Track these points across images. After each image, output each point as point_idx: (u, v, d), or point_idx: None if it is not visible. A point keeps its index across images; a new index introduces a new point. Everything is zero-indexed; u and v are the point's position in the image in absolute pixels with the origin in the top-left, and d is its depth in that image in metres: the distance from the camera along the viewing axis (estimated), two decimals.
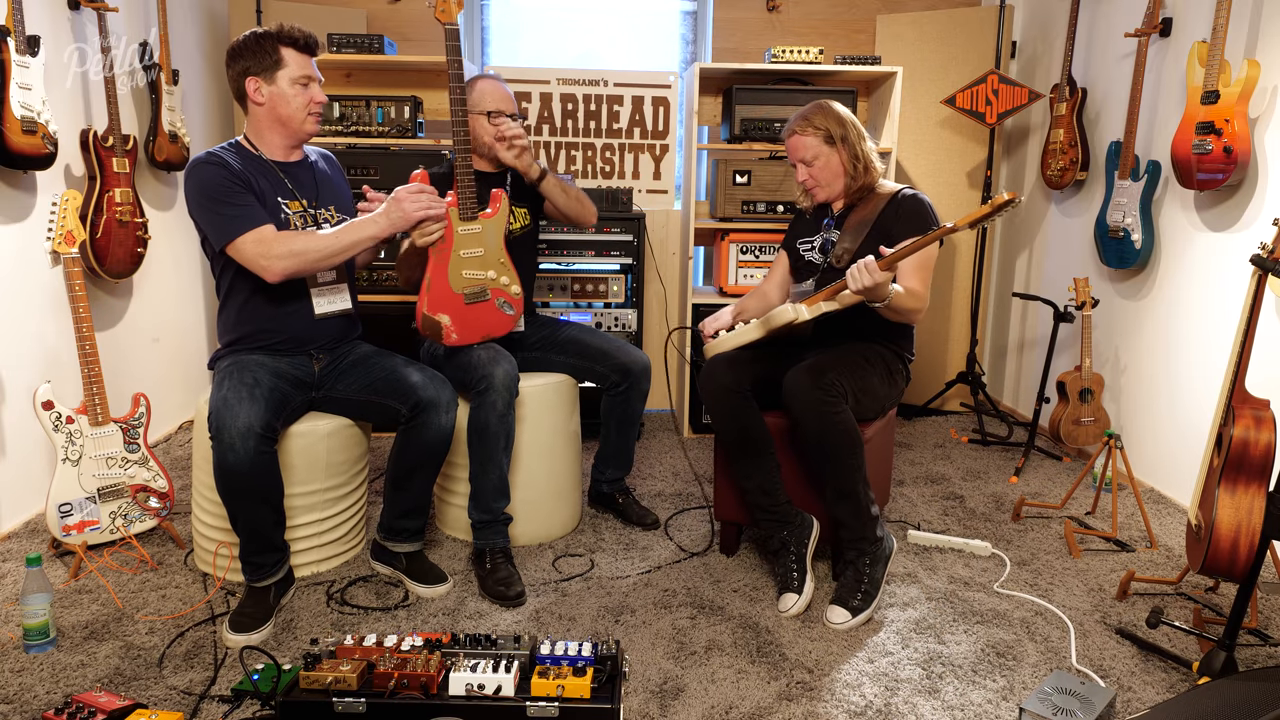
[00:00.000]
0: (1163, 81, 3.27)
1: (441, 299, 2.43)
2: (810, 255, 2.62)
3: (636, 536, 2.82)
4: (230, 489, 2.16)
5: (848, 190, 2.53)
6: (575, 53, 4.45)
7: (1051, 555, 2.71)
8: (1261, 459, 2.01)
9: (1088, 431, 3.44)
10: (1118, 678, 2.05)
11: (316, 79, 2.33)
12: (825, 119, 2.48)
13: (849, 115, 2.51)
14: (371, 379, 2.39)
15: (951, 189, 4.26)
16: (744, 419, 2.41)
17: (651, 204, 4.15)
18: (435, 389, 2.34)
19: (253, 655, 2.06)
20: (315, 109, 2.33)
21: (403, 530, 2.45)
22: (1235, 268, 2.91)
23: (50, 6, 2.94)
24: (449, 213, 2.38)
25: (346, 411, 2.48)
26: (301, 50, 2.29)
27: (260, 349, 2.35)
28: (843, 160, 2.49)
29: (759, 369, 2.45)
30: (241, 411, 2.11)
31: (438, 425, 2.33)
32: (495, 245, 2.48)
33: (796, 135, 2.51)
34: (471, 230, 2.43)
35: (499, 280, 2.50)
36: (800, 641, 2.19)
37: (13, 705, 1.89)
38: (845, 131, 2.48)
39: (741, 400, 2.40)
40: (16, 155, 2.62)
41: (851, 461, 2.27)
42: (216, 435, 2.11)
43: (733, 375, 2.42)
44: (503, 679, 1.75)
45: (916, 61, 4.14)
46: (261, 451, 2.13)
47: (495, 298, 2.50)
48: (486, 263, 2.47)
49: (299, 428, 2.40)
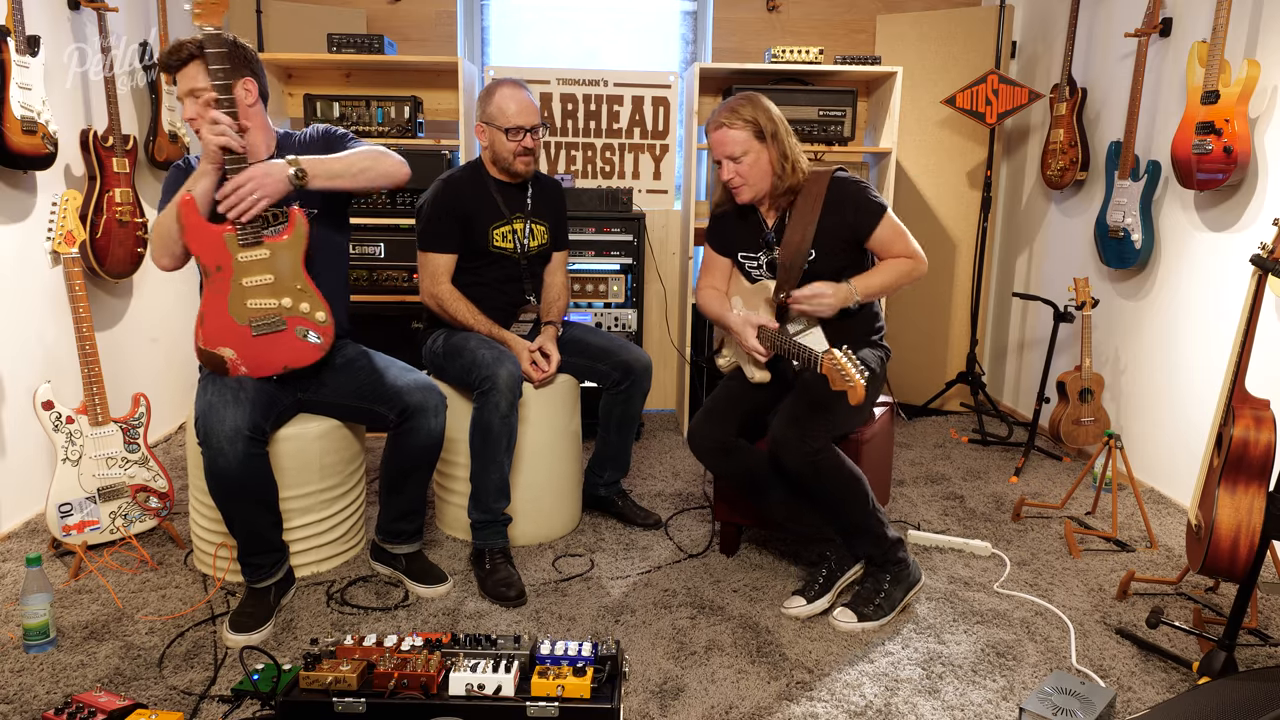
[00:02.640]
0: (1163, 81, 3.27)
1: (221, 331, 2.18)
2: (759, 275, 2.49)
3: (636, 536, 2.82)
4: (223, 493, 2.16)
5: (774, 191, 2.36)
6: (575, 53, 4.45)
7: (1051, 555, 2.71)
8: (1261, 459, 2.01)
9: (1088, 431, 3.44)
10: (1118, 678, 2.05)
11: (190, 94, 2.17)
12: (755, 111, 2.30)
13: (777, 110, 2.35)
14: (359, 384, 2.36)
15: (951, 189, 4.26)
16: (741, 464, 2.39)
17: (651, 204, 4.15)
18: (423, 393, 2.32)
19: (253, 655, 2.06)
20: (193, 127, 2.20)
21: (400, 532, 2.45)
22: (1235, 268, 2.91)
23: (50, 6, 2.94)
24: (224, 240, 2.14)
25: (335, 415, 2.46)
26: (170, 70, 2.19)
27: None
28: (771, 158, 2.32)
29: (741, 409, 2.43)
30: (228, 415, 2.09)
31: (427, 429, 2.32)
32: (290, 270, 2.20)
33: (724, 128, 2.30)
34: (256, 256, 2.16)
35: (297, 308, 2.22)
36: (800, 641, 2.19)
37: (13, 705, 1.89)
38: (776, 127, 2.31)
39: (731, 453, 2.39)
40: (16, 155, 2.62)
41: (855, 499, 2.25)
42: (205, 441, 2.10)
43: (715, 430, 2.39)
44: (503, 679, 1.75)
45: (916, 61, 4.14)
46: (251, 454, 2.12)
47: (294, 327, 2.22)
48: (278, 290, 2.19)
49: (290, 430, 2.39)
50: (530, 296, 2.80)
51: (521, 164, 2.65)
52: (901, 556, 2.33)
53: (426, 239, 2.68)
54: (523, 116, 2.59)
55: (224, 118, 2.09)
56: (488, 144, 2.65)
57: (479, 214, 2.67)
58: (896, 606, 2.30)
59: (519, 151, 2.62)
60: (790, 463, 2.21)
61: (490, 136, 2.63)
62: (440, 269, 2.67)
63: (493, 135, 2.63)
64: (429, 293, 2.68)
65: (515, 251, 2.74)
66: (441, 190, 2.67)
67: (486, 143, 2.65)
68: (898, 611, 2.31)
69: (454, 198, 2.66)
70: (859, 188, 2.37)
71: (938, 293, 4.32)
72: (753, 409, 2.43)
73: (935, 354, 4.40)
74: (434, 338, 2.72)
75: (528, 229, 2.75)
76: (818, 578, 2.36)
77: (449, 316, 2.67)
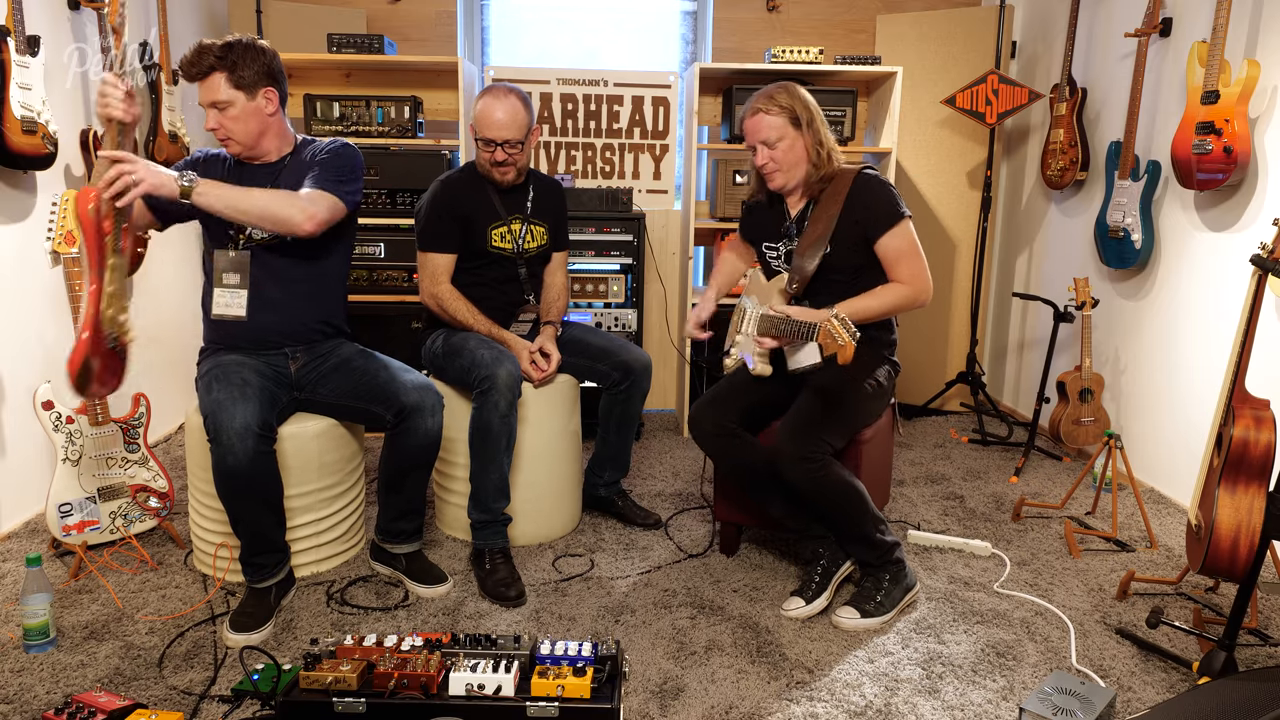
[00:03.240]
0: (1163, 81, 3.27)
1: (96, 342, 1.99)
2: (778, 267, 2.49)
3: (636, 536, 2.82)
4: (231, 491, 2.15)
5: (808, 180, 2.35)
6: (575, 53, 4.45)
7: (1051, 555, 2.71)
8: (1261, 459, 2.01)
9: (1088, 431, 3.44)
10: (1118, 678, 2.05)
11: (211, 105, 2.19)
12: (791, 99, 2.30)
13: (814, 100, 2.35)
14: (354, 384, 2.36)
15: (951, 189, 4.26)
16: (740, 454, 2.39)
17: (651, 204, 4.15)
18: (419, 393, 2.32)
19: (253, 655, 2.06)
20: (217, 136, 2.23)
21: (400, 532, 2.45)
22: (1235, 268, 2.91)
23: (50, 6, 2.94)
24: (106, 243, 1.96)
25: (332, 415, 2.46)
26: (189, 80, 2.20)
27: (232, 348, 2.32)
28: (807, 145, 2.31)
29: (745, 399, 2.42)
30: (237, 412, 2.09)
31: (424, 430, 2.31)
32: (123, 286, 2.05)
33: (760, 114, 2.30)
34: (119, 264, 2.00)
35: (126, 325, 2.05)
36: (800, 641, 2.19)
37: (13, 705, 1.89)
38: (811, 115, 2.31)
39: (732, 440, 2.38)
40: (16, 155, 2.62)
41: (854, 511, 2.26)
42: (215, 438, 2.10)
43: (718, 417, 2.39)
44: (503, 679, 1.75)
45: (916, 61, 4.14)
46: (261, 451, 2.13)
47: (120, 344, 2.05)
48: (123, 304, 2.04)
49: (288, 429, 2.38)
50: (529, 296, 2.80)
51: (498, 174, 2.63)
52: (899, 558, 2.34)
53: (426, 239, 2.68)
54: (492, 130, 2.54)
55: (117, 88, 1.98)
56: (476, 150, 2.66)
57: (477, 215, 2.67)
58: (897, 604, 2.30)
59: (491, 162, 2.60)
60: (790, 476, 2.22)
61: (475, 144, 2.63)
62: (440, 269, 2.67)
63: (475, 144, 2.63)
64: (429, 293, 2.68)
65: (513, 252, 2.74)
66: (440, 191, 2.67)
67: (475, 149, 2.66)
68: (898, 610, 2.31)
69: (452, 198, 2.66)
70: (883, 189, 2.33)
71: (938, 293, 4.31)
72: (758, 402, 2.43)
73: (935, 354, 4.40)
74: (434, 338, 2.72)
75: (525, 230, 2.75)
76: (813, 576, 2.36)
77: (449, 317, 2.67)
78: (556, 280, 2.87)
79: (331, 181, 2.24)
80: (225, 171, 2.30)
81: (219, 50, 2.14)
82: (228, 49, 2.15)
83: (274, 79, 2.24)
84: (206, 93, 2.18)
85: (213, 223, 2.27)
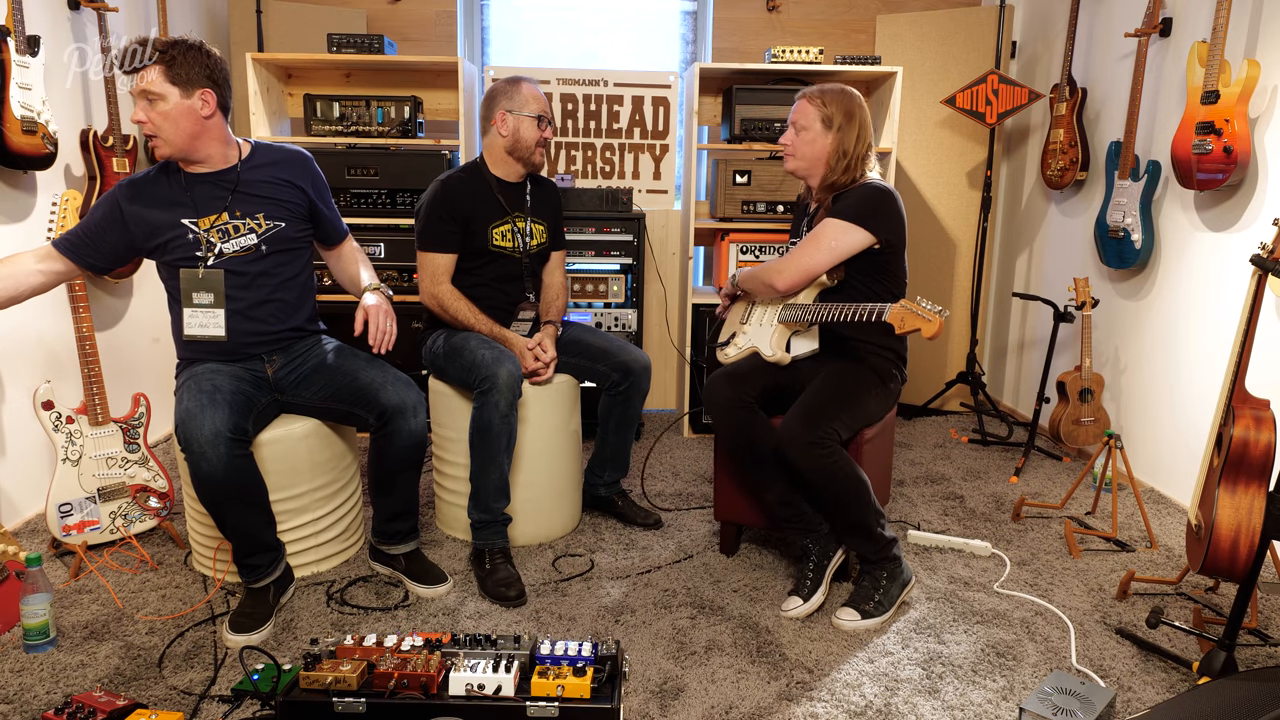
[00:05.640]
0: (1163, 81, 3.27)
1: None
2: None
3: (636, 536, 2.82)
4: (211, 497, 2.14)
5: (823, 181, 2.41)
6: (575, 53, 4.45)
7: (1051, 555, 2.71)
8: (1261, 459, 2.01)
9: (1088, 431, 3.44)
10: (1118, 678, 2.05)
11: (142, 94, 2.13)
12: (836, 103, 2.37)
13: (864, 117, 2.39)
14: (335, 387, 2.35)
15: (951, 189, 4.26)
16: (751, 431, 2.38)
17: (651, 204, 4.15)
18: (400, 394, 2.30)
19: (253, 655, 2.06)
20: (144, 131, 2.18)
21: (395, 533, 2.44)
22: (1235, 268, 2.91)
23: (50, 6, 2.94)
24: None
25: (316, 416, 2.44)
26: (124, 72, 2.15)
27: (207, 357, 2.30)
28: (829, 149, 2.37)
29: (763, 380, 2.43)
30: (206, 419, 2.07)
31: (408, 430, 2.30)
32: None
33: (805, 100, 2.42)
34: None
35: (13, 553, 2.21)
36: (800, 641, 2.19)
37: (13, 705, 1.89)
38: (845, 125, 2.36)
39: (747, 414, 2.38)
40: (16, 155, 2.62)
41: (856, 502, 2.26)
42: (186, 447, 2.08)
43: (736, 389, 2.39)
44: (503, 679, 1.75)
45: (916, 61, 4.14)
46: (235, 455, 2.11)
47: None
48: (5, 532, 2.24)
49: (275, 433, 2.36)
50: (530, 295, 2.81)
51: (540, 155, 2.71)
52: (896, 554, 2.35)
53: (426, 239, 2.68)
54: (546, 107, 2.71)
55: None
56: (509, 133, 2.65)
57: (478, 213, 2.67)
58: (895, 603, 2.31)
59: (540, 141, 2.68)
60: (796, 461, 2.22)
61: (516, 124, 2.64)
62: (440, 269, 2.67)
63: (519, 123, 2.64)
64: (429, 293, 2.68)
65: (516, 250, 2.74)
66: (440, 191, 2.67)
67: (508, 131, 2.65)
68: (896, 608, 2.31)
69: (453, 198, 2.66)
70: (871, 192, 2.35)
71: (938, 293, 4.32)
72: (772, 385, 2.43)
73: (935, 354, 4.40)
74: (434, 338, 2.72)
75: (528, 227, 2.75)
76: (806, 573, 2.37)
77: (449, 316, 2.67)
78: (555, 280, 2.88)
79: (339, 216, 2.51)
80: (175, 185, 2.24)
81: (161, 44, 2.11)
82: (171, 44, 2.11)
83: (214, 83, 2.18)
84: (139, 81, 2.12)
85: (174, 243, 2.22)
